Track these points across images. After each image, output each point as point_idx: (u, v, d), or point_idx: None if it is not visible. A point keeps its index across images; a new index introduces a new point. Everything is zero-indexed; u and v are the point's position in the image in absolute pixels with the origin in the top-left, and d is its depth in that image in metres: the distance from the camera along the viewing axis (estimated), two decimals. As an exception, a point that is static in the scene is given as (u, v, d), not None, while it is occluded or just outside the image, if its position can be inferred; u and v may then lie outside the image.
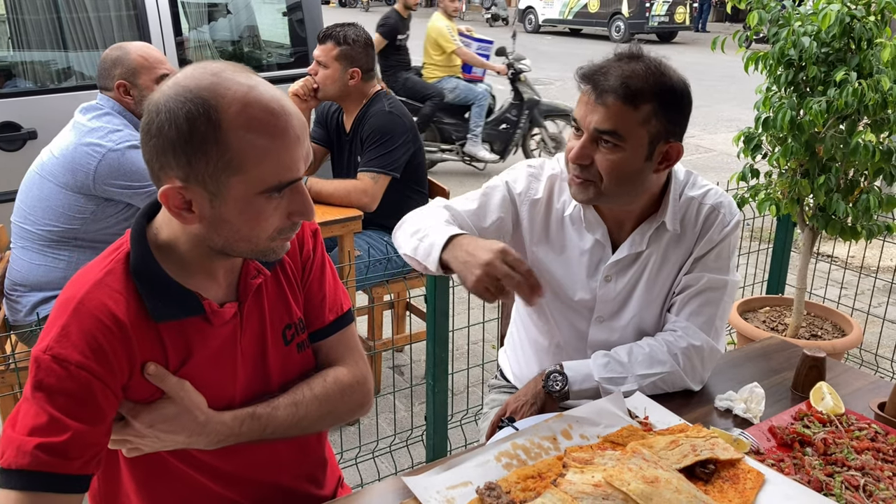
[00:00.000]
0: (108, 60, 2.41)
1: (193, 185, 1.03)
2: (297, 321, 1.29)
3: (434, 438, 2.56)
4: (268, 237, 1.10)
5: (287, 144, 1.04)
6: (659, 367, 1.53)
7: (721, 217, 1.57)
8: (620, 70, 1.41)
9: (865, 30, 2.64)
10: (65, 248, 2.38)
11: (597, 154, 1.44)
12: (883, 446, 1.35)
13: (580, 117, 1.45)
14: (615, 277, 1.61)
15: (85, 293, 1.07)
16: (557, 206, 1.63)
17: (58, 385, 1.03)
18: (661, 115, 1.42)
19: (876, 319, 3.44)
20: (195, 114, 1.00)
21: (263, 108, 1.02)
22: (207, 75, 1.03)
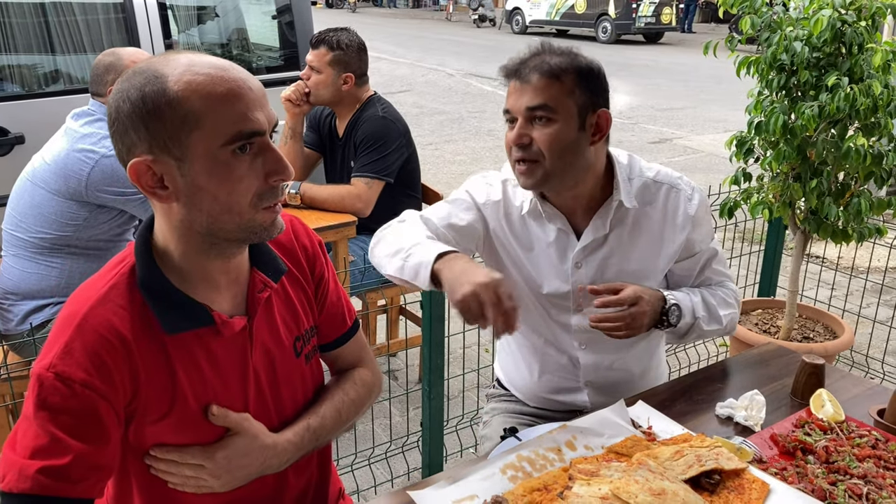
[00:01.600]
0: (100, 66, 2.38)
1: (158, 154, 1.02)
2: (304, 332, 1.28)
3: (430, 444, 2.56)
4: (249, 203, 1.06)
5: (239, 94, 1.03)
6: (730, 309, 1.71)
7: (683, 194, 1.66)
8: (538, 58, 1.54)
9: (856, 35, 2.66)
10: (57, 256, 2.36)
11: (534, 132, 1.52)
12: (884, 454, 1.36)
13: (511, 106, 1.54)
14: (584, 263, 1.66)
15: (88, 309, 1.05)
16: (516, 205, 1.69)
17: (62, 404, 1.01)
18: (584, 86, 1.53)
19: (866, 321, 3.47)
20: (142, 82, 1.01)
21: (208, 64, 1.03)
22: (155, 57, 1.06)
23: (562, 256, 1.67)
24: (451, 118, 9.75)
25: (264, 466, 1.18)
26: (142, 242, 1.11)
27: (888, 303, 3.95)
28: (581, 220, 1.66)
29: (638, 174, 1.67)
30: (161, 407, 1.10)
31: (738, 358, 1.83)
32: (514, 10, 21.78)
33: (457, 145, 8.31)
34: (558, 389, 1.78)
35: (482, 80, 12.86)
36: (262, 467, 1.18)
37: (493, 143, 8.37)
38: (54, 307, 2.37)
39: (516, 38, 20.08)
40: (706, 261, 1.72)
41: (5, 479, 1.01)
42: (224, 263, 1.15)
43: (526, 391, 1.85)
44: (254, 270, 1.19)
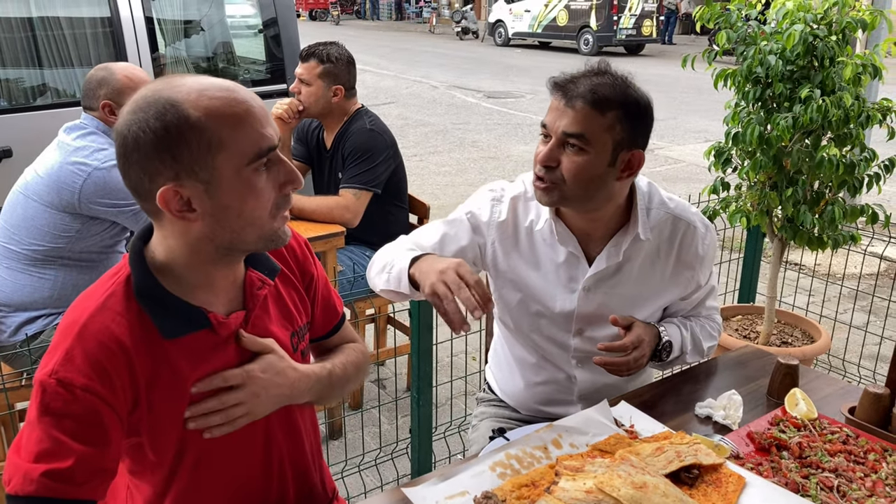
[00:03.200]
0: (93, 80, 2.42)
1: (185, 179, 1.06)
2: (298, 329, 1.34)
3: (419, 451, 2.60)
4: (269, 214, 1.13)
5: (253, 114, 1.09)
6: (713, 341, 1.80)
7: (699, 233, 1.69)
8: (590, 80, 1.50)
9: (828, 48, 2.76)
10: (50, 267, 2.39)
11: (563, 157, 1.52)
12: (854, 448, 1.43)
13: (550, 122, 1.53)
14: (594, 288, 1.67)
15: (88, 317, 1.09)
16: (525, 224, 1.69)
17: (64, 409, 1.05)
18: (626, 123, 1.50)
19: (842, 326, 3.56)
20: (162, 111, 1.05)
21: (217, 88, 1.08)
22: (157, 84, 1.09)
23: (570, 279, 1.67)
24: (436, 130, 9.83)
25: (293, 389, 1.25)
26: (136, 253, 1.16)
27: (863, 308, 4.05)
28: (595, 245, 1.66)
29: (657, 205, 1.66)
30: (164, 410, 1.15)
31: (716, 360, 1.90)
32: (496, 23, 21.98)
33: (441, 157, 8.38)
34: (551, 401, 1.81)
35: (466, 91, 12.97)
36: (292, 389, 1.25)
37: (478, 154, 8.46)
38: (47, 318, 2.40)
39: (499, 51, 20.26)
40: (702, 298, 1.78)
41: (11, 483, 1.05)
42: (229, 270, 1.20)
43: (518, 400, 1.87)
44: (250, 270, 1.24)
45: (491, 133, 9.64)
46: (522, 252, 1.69)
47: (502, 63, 17.36)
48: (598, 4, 19.14)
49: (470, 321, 1.35)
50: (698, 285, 1.73)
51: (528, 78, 14.57)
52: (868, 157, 2.87)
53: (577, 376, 1.77)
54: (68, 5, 4.14)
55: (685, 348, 1.71)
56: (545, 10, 20.35)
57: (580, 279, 1.67)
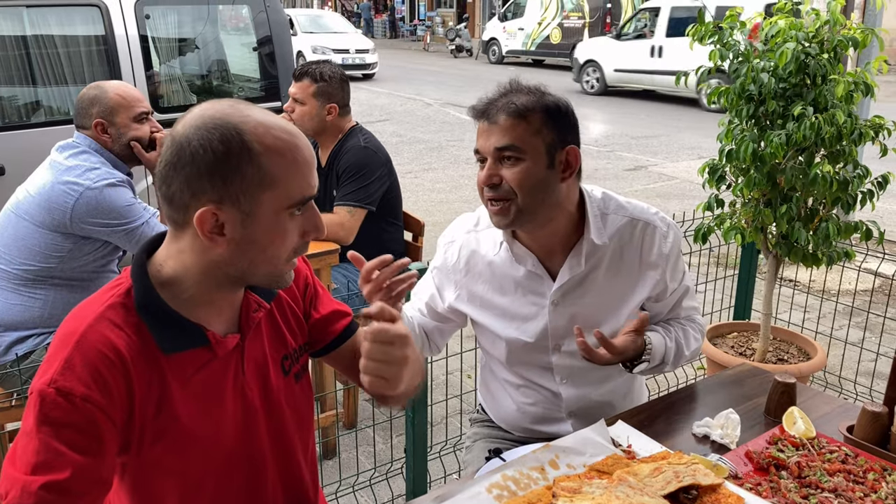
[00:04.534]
0: (85, 99, 2.42)
1: (227, 205, 1.08)
2: (292, 352, 1.33)
3: (414, 471, 2.57)
4: (286, 257, 1.15)
5: (306, 161, 1.13)
6: (696, 344, 1.78)
7: (658, 231, 1.69)
8: (506, 97, 1.56)
9: (820, 66, 2.78)
10: (41, 287, 2.37)
11: (503, 172, 1.54)
12: (853, 468, 1.41)
13: (481, 146, 1.57)
14: (562, 302, 1.68)
15: (87, 326, 1.09)
16: (483, 255, 1.73)
17: (64, 418, 1.04)
18: (551, 125, 1.55)
19: (838, 342, 3.56)
20: (228, 136, 1.07)
21: (281, 129, 1.12)
22: (226, 107, 1.11)
23: (536, 297, 1.69)
24: (430, 147, 9.85)
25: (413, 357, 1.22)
26: (139, 266, 1.16)
27: (859, 325, 4.05)
28: (556, 260, 1.67)
29: (613, 210, 1.68)
30: (156, 425, 1.13)
31: (713, 378, 1.88)
32: (490, 41, 22.11)
33: (436, 173, 8.39)
34: (541, 420, 1.81)
35: (460, 109, 13.00)
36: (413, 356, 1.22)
37: (472, 171, 8.39)
38: (38, 338, 2.38)
39: (493, 68, 20.37)
40: (679, 299, 1.77)
41: (8, 497, 1.03)
42: (230, 294, 1.21)
43: (509, 422, 1.87)
44: (247, 292, 1.24)
45: (485, 150, 9.64)
46: (486, 282, 1.73)
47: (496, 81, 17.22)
48: (591, 23, 19.29)
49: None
50: (666, 285, 1.71)
51: (522, 95, 14.61)
52: (861, 173, 2.88)
53: (563, 393, 1.77)
54: (62, 23, 4.14)
55: (667, 358, 1.70)
56: (539, 28, 20.49)
57: (546, 294, 1.68)
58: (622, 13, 19.23)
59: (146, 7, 4.31)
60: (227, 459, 1.23)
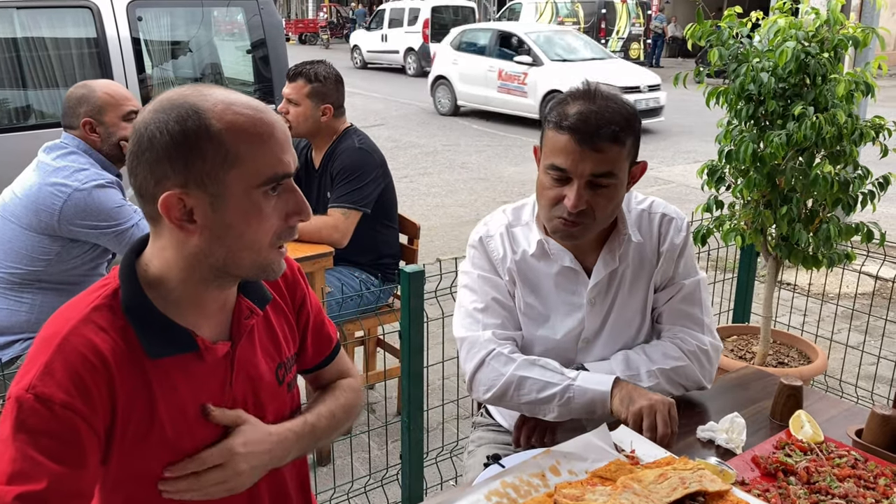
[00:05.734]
0: (72, 99, 2.37)
1: (193, 189, 1.03)
2: (286, 360, 1.28)
3: (410, 477, 2.52)
4: (269, 242, 1.09)
5: (275, 137, 1.06)
6: (673, 362, 1.63)
7: (675, 223, 1.69)
8: (598, 114, 1.47)
9: (820, 66, 2.74)
10: (27, 291, 2.31)
11: (592, 196, 1.50)
12: (864, 473, 1.37)
13: (569, 167, 1.48)
14: (598, 299, 1.67)
15: (70, 329, 1.04)
16: (518, 252, 1.68)
17: (42, 426, 0.99)
18: (635, 143, 1.54)
19: (838, 345, 3.52)
20: (184, 116, 1.02)
21: (245, 104, 1.06)
22: (185, 89, 1.06)
23: (571, 292, 1.67)
24: (426, 151, 9.82)
25: (272, 456, 1.18)
26: (127, 266, 1.11)
27: (859, 328, 4.02)
28: (588, 255, 1.66)
29: (635, 206, 1.69)
30: (138, 433, 1.08)
31: (717, 382, 1.84)
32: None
33: (432, 178, 8.35)
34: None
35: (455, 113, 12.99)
36: (271, 456, 1.18)
37: (468, 175, 8.44)
38: (24, 343, 2.32)
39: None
40: (684, 294, 1.69)
41: None
42: (220, 293, 1.15)
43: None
44: (240, 297, 1.19)
45: (481, 154, 9.63)
46: (524, 279, 1.68)
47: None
48: (585, 28, 19.31)
49: None
50: (671, 274, 1.68)
51: (518, 100, 14.60)
52: (862, 174, 2.85)
53: None
54: (53, 25, 4.10)
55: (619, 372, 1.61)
56: (533, 33, 20.51)
57: (583, 293, 1.66)
58: (616, 18, 19.28)
59: (138, 9, 4.28)
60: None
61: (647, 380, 1.60)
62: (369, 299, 3.03)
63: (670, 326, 1.70)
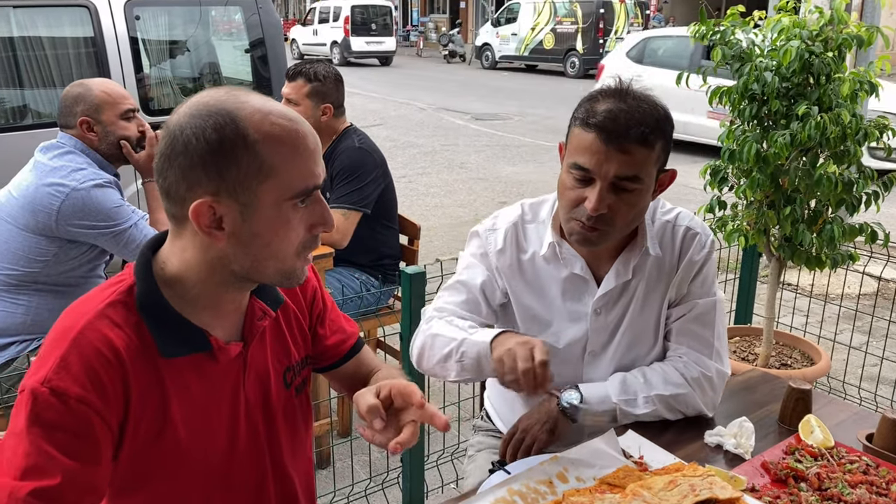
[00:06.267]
0: (69, 98, 2.34)
1: (225, 197, 1.02)
2: (295, 364, 1.27)
3: (411, 480, 2.50)
4: (294, 252, 1.08)
5: (309, 149, 1.06)
6: (673, 389, 1.54)
7: (698, 238, 1.60)
8: (627, 113, 1.40)
9: (824, 65, 2.72)
10: (24, 293, 2.28)
11: (615, 200, 1.43)
12: (876, 479, 1.35)
13: (593, 167, 1.41)
14: (604, 310, 1.60)
15: (86, 323, 1.03)
16: (527, 251, 1.62)
17: (57, 420, 0.98)
18: (665, 148, 1.46)
19: (840, 346, 3.50)
20: (222, 123, 1.00)
21: (281, 115, 1.05)
22: (221, 94, 1.04)
23: (577, 301, 1.60)
24: (424, 151, 9.80)
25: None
26: (143, 263, 1.09)
27: (861, 329, 4.00)
28: (602, 264, 1.59)
29: (660, 217, 1.61)
30: (150, 432, 1.07)
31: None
32: (483, 46, 22.12)
33: (430, 178, 8.33)
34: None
35: (454, 113, 12.98)
36: None
37: (466, 175, 8.41)
38: (20, 345, 2.29)
39: (486, 73, 20.37)
40: (697, 314, 1.60)
41: None
42: (238, 295, 1.14)
43: None
44: (253, 298, 1.18)
45: (479, 154, 9.61)
46: (527, 280, 1.63)
47: (490, 86, 17.43)
48: (584, 28, 19.31)
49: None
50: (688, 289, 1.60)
51: (516, 100, 14.59)
52: (866, 174, 2.83)
53: None
54: (50, 24, 4.06)
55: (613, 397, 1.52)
56: (532, 33, 20.51)
57: (588, 302, 1.59)
58: (615, 18, 19.26)
59: (136, 8, 4.24)
60: (220, 470, 1.16)
61: (643, 406, 1.52)
62: (370, 300, 3.00)
63: (677, 346, 1.61)
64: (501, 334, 1.44)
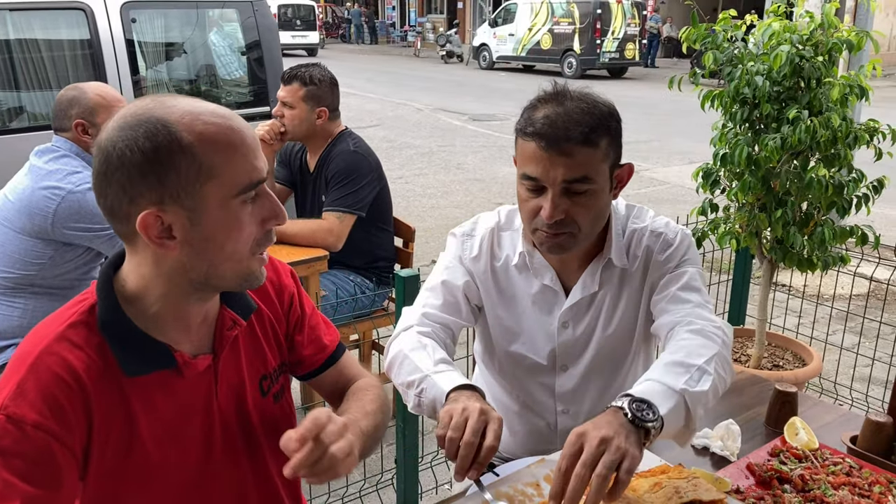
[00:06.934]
0: (63, 101, 2.35)
1: (170, 205, 1.00)
2: (272, 371, 1.26)
3: (405, 482, 2.52)
4: (249, 251, 1.07)
5: (246, 143, 1.04)
6: (710, 350, 1.34)
7: (663, 237, 1.55)
8: (566, 116, 1.38)
9: (814, 69, 2.75)
10: (20, 296, 2.30)
11: (570, 205, 1.41)
12: (858, 481, 1.37)
13: (540, 175, 1.39)
14: (572, 323, 1.59)
15: (44, 347, 1.02)
16: (500, 258, 1.61)
17: (13, 447, 0.96)
18: (613, 144, 1.43)
19: (833, 347, 3.53)
20: (153, 131, 0.99)
21: (212, 114, 1.03)
22: (146, 102, 1.03)
23: (547, 313, 1.59)
24: (421, 152, 9.81)
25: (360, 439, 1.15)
26: (104, 282, 1.09)
27: (853, 329, 4.02)
28: (571, 275, 1.57)
29: (630, 225, 1.57)
30: (117, 451, 1.06)
31: (711, 387, 1.83)
32: (480, 46, 22.14)
33: (427, 179, 8.35)
34: (534, 452, 1.67)
35: (451, 114, 12.99)
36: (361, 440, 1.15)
37: (463, 177, 8.43)
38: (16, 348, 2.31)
39: (483, 74, 20.39)
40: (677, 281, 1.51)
41: None
42: (202, 306, 1.13)
43: (503, 446, 1.77)
44: (223, 308, 1.17)
45: (476, 155, 9.63)
46: (501, 287, 1.62)
47: (487, 86, 17.45)
48: (581, 28, 19.34)
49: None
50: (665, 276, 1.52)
51: (513, 101, 14.55)
52: (857, 177, 2.85)
53: (559, 424, 1.67)
54: (47, 27, 4.08)
55: (675, 385, 1.25)
56: (529, 33, 20.53)
57: (556, 313, 1.59)
58: (612, 18, 19.30)
59: (132, 11, 4.26)
60: (195, 483, 1.16)
61: (706, 380, 1.28)
62: (364, 303, 3.02)
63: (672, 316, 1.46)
64: (463, 389, 1.32)
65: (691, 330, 1.40)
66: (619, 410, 1.18)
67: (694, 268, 1.54)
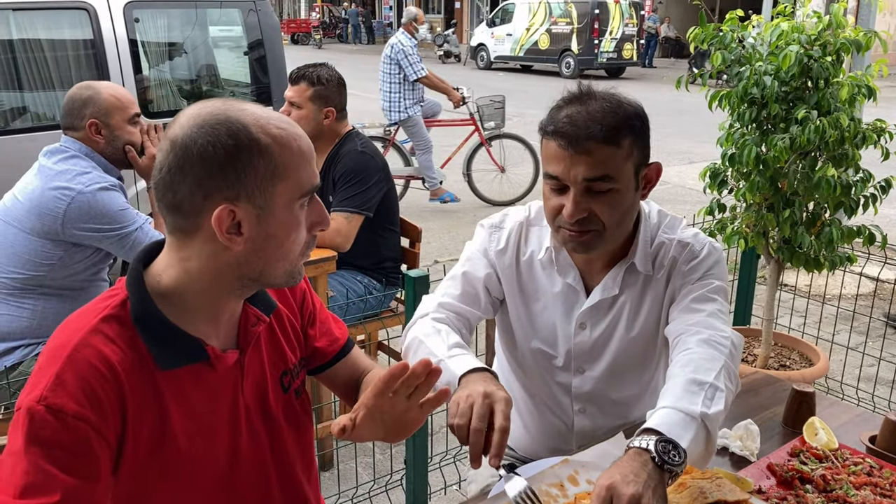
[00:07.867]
0: (77, 100, 2.34)
1: (243, 202, 1.04)
2: (292, 367, 1.28)
3: (414, 482, 2.51)
4: (300, 251, 1.12)
5: (309, 150, 1.11)
6: (717, 362, 1.34)
7: (689, 248, 1.54)
8: (587, 115, 1.39)
9: (822, 70, 2.75)
10: (29, 297, 2.29)
11: (593, 203, 1.41)
12: (880, 481, 1.37)
13: (561, 174, 1.40)
14: (590, 324, 1.58)
15: (80, 339, 1.03)
16: (525, 253, 1.62)
17: (54, 438, 0.98)
18: (638, 143, 1.43)
19: (839, 347, 3.53)
20: (235, 130, 1.03)
21: (280, 119, 1.09)
22: (217, 104, 1.07)
23: (567, 313, 1.59)
24: (421, 152, 9.78)
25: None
26: (135, 276, 1.10)
27: (858, 329, 4.03)
28: (595, 276, 1.57)
29: (661, 234, 1.56)
30: (150, 444, 1.08)
31: (726, 387, 1.83)
32: (478, 46, 22.13)
33: (427, 179, 8.31)
34: (551, 450, 1.70)
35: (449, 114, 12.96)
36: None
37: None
38: (26, 349, 2.30)
39: (481, 74, 20.38)
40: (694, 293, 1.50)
41: None
42: (237, 302, 1.16)
43: (519, 444, 1.79)
44: (246, 304, 1.19)
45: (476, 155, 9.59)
46: (523, 283, 1.63)
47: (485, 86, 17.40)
48: (579, 28, 19.35)
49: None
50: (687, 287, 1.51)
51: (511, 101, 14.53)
52: (864, 177, 2.86)
53: (576, 424, 1.67)
54: (50, 27, 4.07)
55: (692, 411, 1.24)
56: (527, 33, 20.53)
57: (575, 313, 1.59)
58: (610, 18, 19.31)
59: (135, 10, 4.24)
60: (223, 477, 1.17)
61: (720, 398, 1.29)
62: (372, 304, 3.01)
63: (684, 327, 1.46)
64: (474, 372, 1.34)
65: (698, 340, 1.40)
66: (644, 453, 1.15)
67: (718, 281, 1.53)
